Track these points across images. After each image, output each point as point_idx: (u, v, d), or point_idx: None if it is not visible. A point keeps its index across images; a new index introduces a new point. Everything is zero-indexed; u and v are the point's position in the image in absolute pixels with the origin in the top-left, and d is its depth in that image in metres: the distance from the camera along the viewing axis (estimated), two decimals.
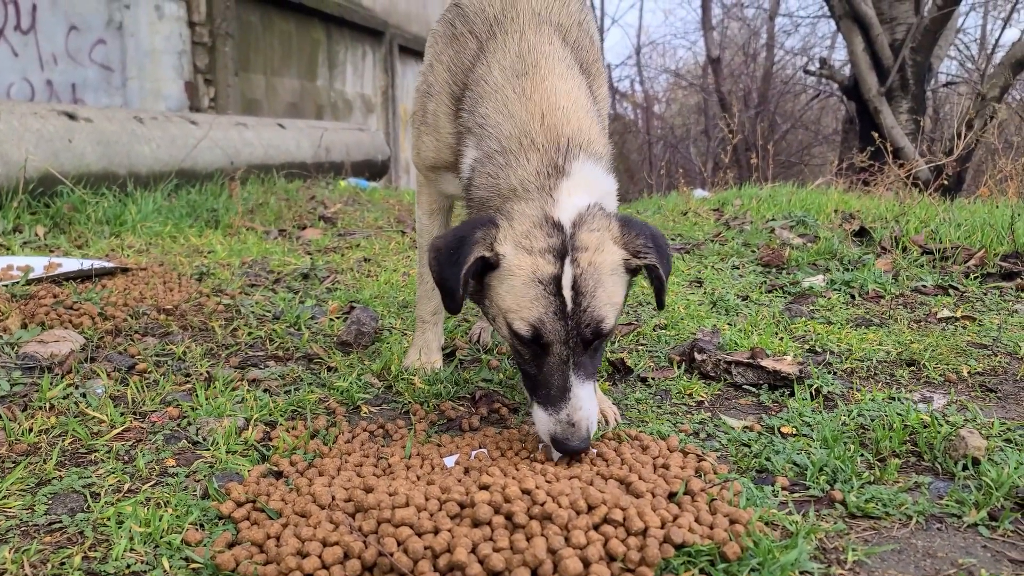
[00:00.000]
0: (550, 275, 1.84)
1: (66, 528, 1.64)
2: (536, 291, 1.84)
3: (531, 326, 1.85)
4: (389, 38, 15.03)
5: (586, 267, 1.85)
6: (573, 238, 1.87)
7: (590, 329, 1.86)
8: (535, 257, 1.85)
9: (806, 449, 2.03)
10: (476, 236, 1.90)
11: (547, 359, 1.88)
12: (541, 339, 1.86)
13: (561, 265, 1.84)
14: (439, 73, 2.34)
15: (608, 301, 1.88)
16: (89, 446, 2.03)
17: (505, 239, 1.89)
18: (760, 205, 6.37)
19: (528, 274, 1.85)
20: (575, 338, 1.85)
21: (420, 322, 2.71)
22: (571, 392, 1.85)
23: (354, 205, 7.15)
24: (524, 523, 1.49)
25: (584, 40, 2.36)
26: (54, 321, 2.91)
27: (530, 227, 1.89)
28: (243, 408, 2.28)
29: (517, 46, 2.17)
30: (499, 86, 2.13)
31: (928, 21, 12.37)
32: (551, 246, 1.86)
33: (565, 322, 1.84)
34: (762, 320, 3.32)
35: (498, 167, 2.04)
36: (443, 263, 1.94)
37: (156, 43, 9.52)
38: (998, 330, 3.12)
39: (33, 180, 5.14)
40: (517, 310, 1.87)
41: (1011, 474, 1.79)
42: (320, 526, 1.53)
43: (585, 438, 1.84)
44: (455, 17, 2.36)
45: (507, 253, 1.88)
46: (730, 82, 22.82)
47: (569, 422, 1.84)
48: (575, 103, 2.11)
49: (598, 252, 1.88)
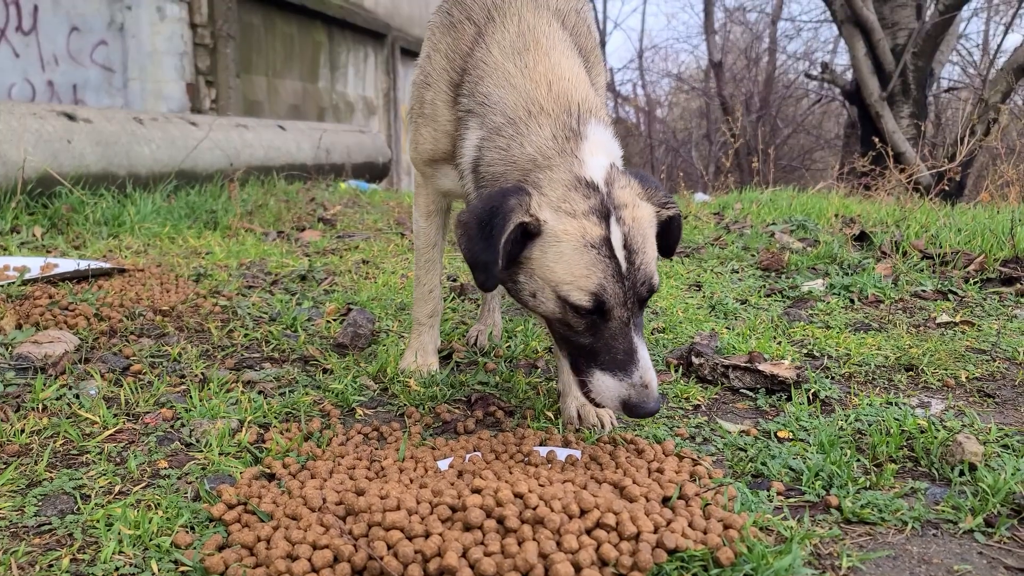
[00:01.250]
0: (600, 237, 1.78)
1: (55, 530, 1.63)
2: (590, 256, 1.78)
3: (592, 294, 1.78)
4: (391, 40, 15.05)
5: (632, 224, 1.82)
6: (610, 196, 1.83)
7: (646, 287, 1.82)
8: (580, 220, 1.79)
9: (802, 454, 2.02)
10: (511, 203, 1.80)
11: (608, 324, 1.81)
12: (604, 305, 1.79)
13: (607, 225, 1.79)
14: (436, 62, 2.31)
15: (654, 255, 1.87)
16: (81, 447, 2.02)
17: (541, 205, 1.82)
18: (760, 209, 6.36)
19: (577, 239, 1.78)
20: (632, 299, 1.80)
21: (417, 324, 2.70)
22: (638, 354, 1.80)
23: (354, 207, 7.14)
24: (516, 527, 1.48)
25: (582, 27, 2.35)
26: (49, 322, 2.90)
27: (564, 190, 1.83)
28: (237, 410, 2.27)
29: (516, 27, 2.15)
30: (499, 64, 2.10)
31: (930, 26, 12.37)
32: (592, 207, 1.81)
33: (623, 283, 1.79)
34: (760, 324, 3.31)
35: (509, 138, 1.99)
36: (473, 237, 1.82)
37: (157, 44, 9.53)
38: (997, 335, 3.11)
39: (32, 180, 5.13)
40: (572, 280, 1.79)
41: (1008, 480, 1.78)
42: (310, 529, 1.52)
43: (659, 398, 1.80)
44: (452, 6, 2.34)
45: (548, 219, 1.81)
46: (732, 86, 22.83)
47: (643, 383, 1.78)
48: (578, 76, 2.09)
49: (636, 207, 1.85)
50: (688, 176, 18.75)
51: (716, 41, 22.66)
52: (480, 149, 2.08)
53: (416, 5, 16.34)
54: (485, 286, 1.85)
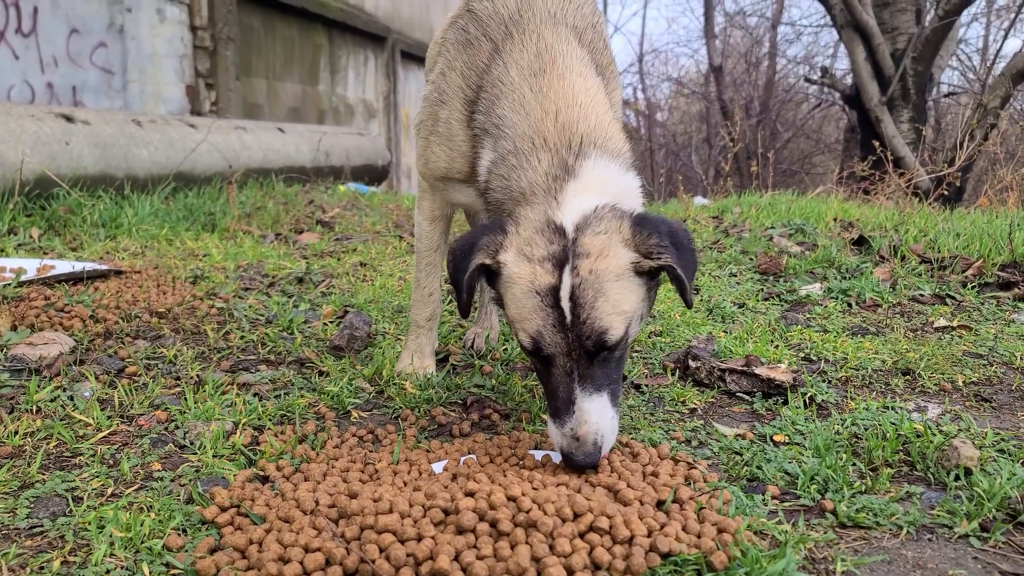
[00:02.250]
0: (547, 285, 1.80)
1: (47, 532, 1.62)
2: (534, 302, 1.81)
3: (531, 338, 1.83)
4: (391, 43, 15.05)
5: (586, 276, 1.79)
6: (575, 244, 1.82)
7: (591, 341, 1.80)
8: (534, 266, 1.82)
9: (798, 458, 2.01)
10: (481, 243, 1.89)
11: (552, 371, 1.84)
12: (541, 351, 1.82)
13: (560, 275, 1.80)
14: (452, 80, 2.29)
15: (613, 310, 1.80)
16: (74, 449, 2.01)
17: (510, 246, 1.87)
18: (759, 213, 6.35)
19: (527, 284, 1.82)
20: (577, 350, 1.80)
21: (415, 326, 2.69)
22: (575, 405, 1.80)
23: (352, 210, 7.14)
24: (509, 530, 1.47)
25: (598, 43, 2.33)
26: (44, 323, 2.90)
27: (532, 233, 1.86)
28: (232, 412, 2.26)
29: (535, 45, 2.14)
30: (516, 85, 2.09)
31: (929, 31, 12.38)
32: (551, 253, 1.82)
33: (565, 334, 1.79)
34: (758, 328, 3.30)
35: (510, 168, 2.02)
36: (456, 267, 1.94)
37: (157, 46, 9.52)
38: (994, 340, 3.10)
39: (29, 182, 5.13)
40: (519, 320, 1.85)
41: (1003, 485, 1.77)
42: (303, 532, 1.51)
43: (591, 452, 1.78)
44: (468, 23, 2.31)
45: (508, 261, 1.86)
46: (732, 90, 22.84)
47: (573, 436, 1.79)
48: (593, 100, 2.07)
49: (601, 258, 1.81)
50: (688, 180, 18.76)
51: (716, 45, 22.68)
52: (489, 172, 2.11)
53: (416, 8, 16.35)
54: (461, 311, 1.97)
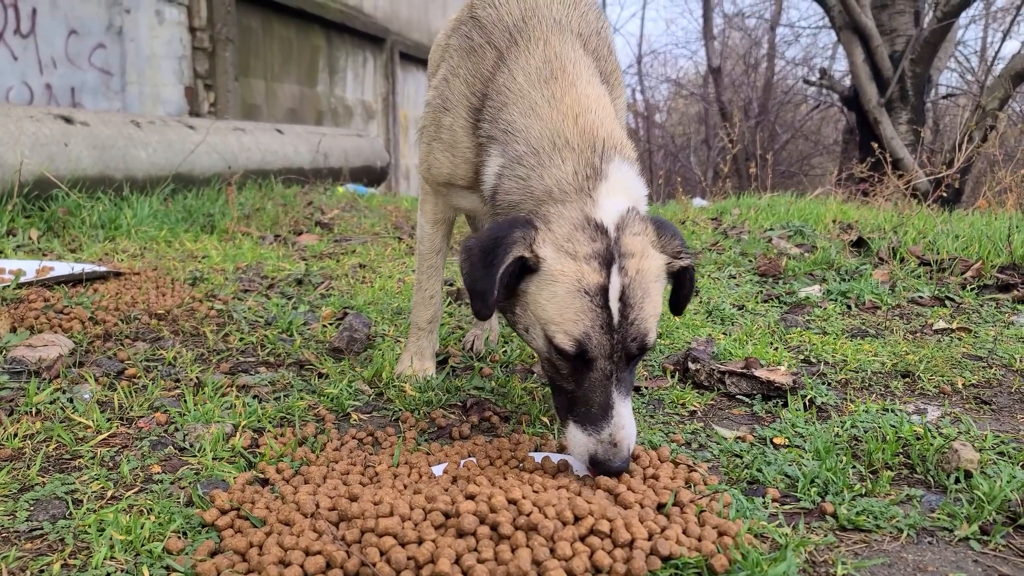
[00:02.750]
0: (597, 285, 1.73)
1: (47, 535, 1.62)
2: (582, 303, 1.74)
3: (576, 341, 1.75)
4: (390, 45, 15.05)
5: (634, 276, 1.76)
6: (618, 243, 1.77)
7: (636, 344, 1.77)
8: (580, 263, 1.75)
9: (798, 460, 2.01)
10: (515, 236, 1.78)
11: (589, 375, 1.77)
12: (587, 355, 1.76)
13: (608, 274, 1.74)
14: (456, 87, 2.26)
15: (653, 313, 1.79)
16: (74, 452, 2.01)
17: (545, 241, 1.79)
18: (758, 215, 6.36)
19: (573, 282, 1.74)
20: (620, 353, 1.76)
21: (415, 328, 2.68)
22: (614, 410, 1.75)
23: (351, 211, 7.13)
24: (509, 534, 1.47)
25: (603, 49, 2.30)
26: (43, 325, 2.89)
27: (571, 230, 1.79)
28: (231, 414, 2.26)
29: (542, 52, 2.10)
30: (524, 91, 2.05)
31: (928, 33, 12.40)
32: (596, 251, 1.76)
33: (611, 336, 1.74)
34: (757, 330, 3.30)
35: (529, 168, 1.95)
36: (475, 264, 1.81)
37: (156, 48, 9.52)
38: (993, 342, 3.10)
39: (28, 183, 5.13)
40: (560, 322, 1.76)
41: (1003, 488, 1.77)
42: (303, 535, 1.51)
43: (627, 458, 1.76)
44: (471, 29, 2.28)
45: (548, 256, 1.77)
46: (731, 92, 22.86)
47: (612, 442, 1.74)
48: (604, 108, 2.04)
49: (644, 258, 1.79)
50: (687, 181, 18.78)
51: (715, 47, 22.69)
52: (500, 177, 2.04)
53: (415, 10, 16.36)
54: (480, 314, 1.83)
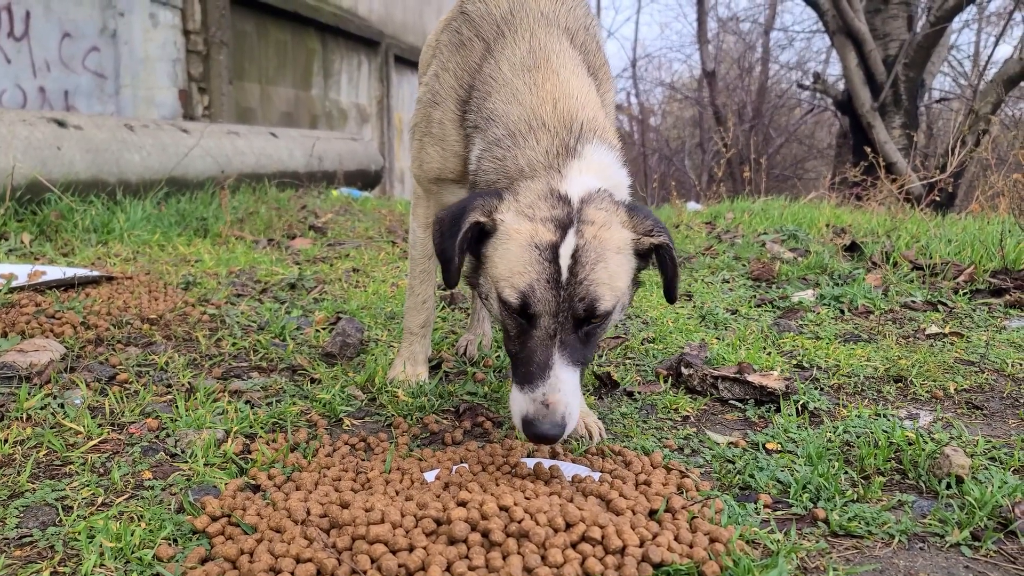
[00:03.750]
0: (548, 241, 1.77)
1: (36, 542, 1.61)
2: (531, 255, 1.76)
3: (520, 293, 1.75)
4: (385, 48, 15.05)
5: (590, 239, 1.78)
6: (580, 212, 1.81)
7: (584, 304, 1.75)
8: (535, 224, 1.79)
9: (790, 466, 2.01)
10: (476, 204, 1.86)
11: (533, 332, 1.76)
12: (529, 308, 1.75)
13: (563, 234, 1.77)
14: (445, 80, 2.29)
15: (608, 281, 1.77)
16: (64, 458, 2.00)
17: (508, 208, 1.85)
18: (752, 219, 6.37)
19: (526, 238, 1.78)
20: (566, 312, 1.74)
21: (408, 333, 2.67)
22: (552, 371, 1.71)
23: (345, 215, 7.13)
24: (501, 541, 1.47)
25: (591, 44, 2.32)
26: (35, 330, 2.88)
27: (534, 198, 1.84)
28: (223, 420, 2.25)
29: (528, 43, 2.13)
30: (508, 80, 2.09)
31: (921, 37, 12.44)
32: (554, 216, 1.80)
33: (557, 292, 1.74)
34: (750, 335, 3.30)
35: (505, 149, 2.00)
36: (444, 233, 1.89)
37: (150, 51, 9.50)
38: (986, 347, 3.11)
39: (21, 187, 5.11)
40: (508, 276, 1.79)
41: (995, 493, 1.77)
42: (294, 542, 1.51)
43: (559, 424, 1.68)
44: (461, 24, 2.32)
45: (506, 220, 1.83)
46: (725, 95, 22.88)
47: (544, 402, 1.69)
48: (587, 96, 2.06)
49: (605, 228, 1.81)
50: (681, 185, 18.78)
51: (709, 50, 22.73)
52: (479, 160, 2.09)
53: (410, 13, 16.36)
54: (447, 282, 1.91)
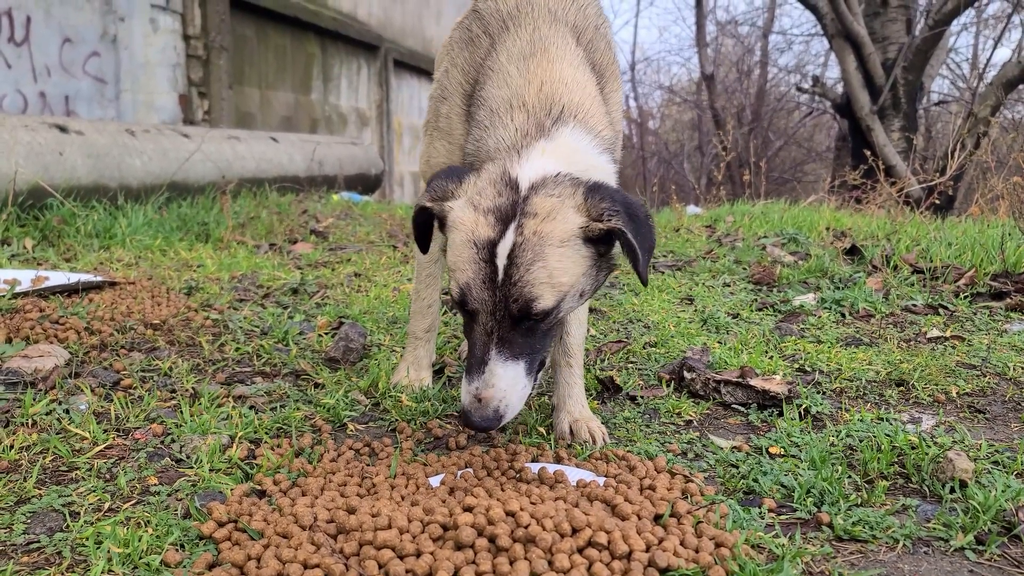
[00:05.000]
0: (486, 239, 1.76)
1: (44, 548, 1.62)
2: (469, 253, 1.78)
3: (460, 289, 1.80)
4: (384, 52, 15.07)
5: (529, 236, 1.75)
6: (525, 202, 1.78)
7: (517, 305, 1.75)
8: (477, 215, 1.79)
9: (794, 470, 2.02)
10: (433, 184, 1.91)
11: (474, 327, 1.82)
12: (467, 305, 1.80)
13: (502, 230, 1.76)
14: (453, 76, 2.31)
15: (548, 280, 1.75)
16: (70, 463, 2.01)
17: (462, 193, 1.87)
18: (752, 222, 6.38)
19: (468, 232, 1.79)
20: (502, 311, 1.77)
21: (412, 338, 2.67)
22: (487, 367, 1.78)
23: (346, 219, 7.14)
24: (507, 546, 1.47)
25: (599, 43, 2.30)
26: (39, 335, 2.89)
27: (485, 184, 1.84)
28: (228, 425, 2.26)
29: (529, 36, 2.13)
30: (503, 67, 2.09)
31: (920, 41, 12.46)
32: (497, 206, 1.79)
33: (493, 292, 1.76)
34: (752, 339, 3.31)
35: (483, 130, 2.00)
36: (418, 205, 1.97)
37: (150, 56, 9.52)
38: (987, 350, 3.12)
39: (23, 193, 5.12)
40: (454, 270, 1.82)
41: (998, 497, 1.78)
42: (301, 548, 1.51)
43: (490, 418, 1.77)
44: (472, 22, 2.34)
45: (456, 207, 1.85)
46: (724, 99, 22.92)
47: (477, 396, 1.77)
48: (580, 85, 2.04)
49: (548, 220, 1.76)
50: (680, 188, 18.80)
51: (708, 54, 22.76)
52: (467, 144, 2.11)
53: (409, 17, 16.39)
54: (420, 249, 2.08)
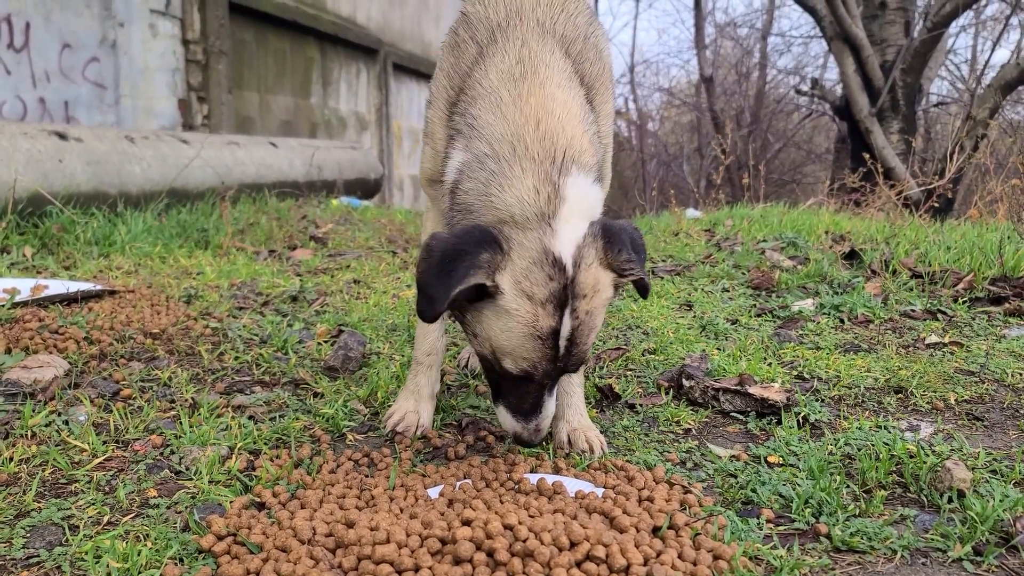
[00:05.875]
0: (550, 329, 1.84)
1: (43, 562, 1.62)
2: (534, 344, 1.85)
3: (523, 370, 1.90)
4: (383, 56, 15.08)
5: (584, 317, 1.87)
6: (574, 283, 1.83)
7: (575, 365, 1.95)
8: (536, 307, 1.81)
9: (792, 480, 2.02)
10: (482, 259, 1.79)
11: (529, 386, 1.96)
12: (532, 379, 1.92)
13: (561, 317, 1.84)
14: (439, 80, 2.30)
15: (593, 339, 1.95)
16: (70, 476, 2.01)
17: (506, 272, 1.82)
18: (751, 226, 6.39)
19: (527, 325, 1.83)
20: (558, 373, 1.94)
21: (415, 363, 2.52)
22: (542, 409, 2.00)
23: (346, 224, 7.14)
24: (506, 560, 1.47)
25: (589, 54, 2.28)
26: (39, 346, 2.89)
27: (530, 264, 1.82)
28: (227, 436, 2.26)
29: (517, 52, 2.11)
30: (494, 88, 2.06)
31: (918, 43, 12.47)
32: (552, 293, 1.81)
33: (555, 365, 1.90)
34: (751, 345, 3.32)
35: (490, 174, 1.94)
36: (432, 267, 1.81)
37: (150, 61, 9.53)
38: (985, 356, 3.12)
39: (22, 200, 5.12)
40: (510, 353, 1.88)
41: (996, 507, 1.78)
42: (300, 562, 1.52)
43: (543, 436, 2.05)
44: (459, 25, 2.32)
45: (506, 290, 1.82)
46: (723, 101, 22.93)
47: (536, 429, 2.01)
48: (570, 113, 2.03)
49: (595, 296, 1.87)
50: (680, 191, 18.80)
51: (707, 56, 22.78)
52: (460, 174, 2.03)
53: (408, 21, 16.40)
54: (423, 315, 1.85)
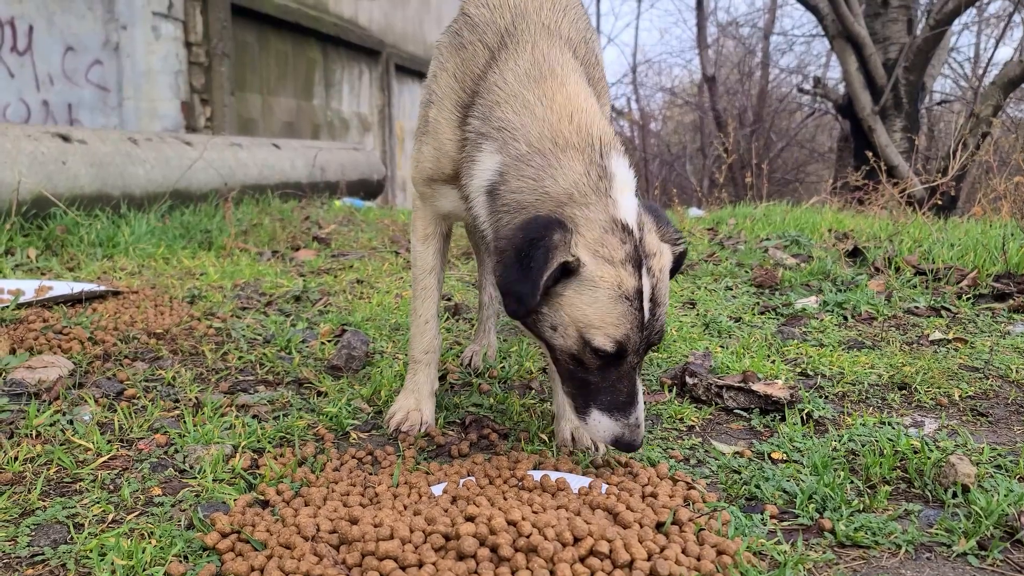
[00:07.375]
0: (634, 289, 1.81)
1: (48, 560, 1.62)
2: (623, 307, 1.81)
3: (617, 342, 1.82)
4: (386, 57, 15.10)
5: (659, 275, 1.86)
6: (642, 242, 1.85)
7: (658, 335, 1.90)
8: (617, 268, 1.81)
9: (796, 476, 2.02)
10: (555, 239, 1.79)
11: (618, 369, 1.87)
12: (624, 352, 1.84)
13: (639, 276, 1.82)
14: (443, 81, 2.30)
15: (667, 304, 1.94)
16: (74, 475, 2.01)
17: (578, 244, 1.83)
18: (754, 224, 6.38)
19: (614, 288, 1.80)
20: (644, 346, 1.88)
21: (412, 362, 2.51)
22: (638, 396, 1.89)
23: (348, 225, 7.15)
24: (509, 556, 1.48)
25: (590, 57, 2.33)
26: (43, 346, 2.90)
27: (601, 232, 1.83)
28: (231, 435, 2.26)
29: (531, 55, 2.13)
30: (516, 91, 2.08)
31: (921, 41, 12.46)
32: (628, 255, 1.82)
33: (642, 332, 1.84)
34: (754, 343, 3.31)
35: (539, 168, 1.96)
36: (509, 266, 1.81)
37: (153, 63, 9.55)
38: (990, 352, 3.12)
39: (26, 202, 5.14)
40: (602, 326, 1.82)
41: (1000, 502, 1.78)
42: (304, 559, 1.52)
43: (643, 434, 1.92)
44: (462, 27, 2.32)
45: (587, 261, 1.81)
46: (725, 100, 22.92)
47: (636, 424, 1.88)
48: (592, 108, 2.07)
49: (660, 256, 1.89)
50: (682, 190, 18.80)
51: (709, 55, 22.78)
52: (502, 175, 2.03)
53: (410, 22, 16.42)
54: (516, 314, 1.87)
